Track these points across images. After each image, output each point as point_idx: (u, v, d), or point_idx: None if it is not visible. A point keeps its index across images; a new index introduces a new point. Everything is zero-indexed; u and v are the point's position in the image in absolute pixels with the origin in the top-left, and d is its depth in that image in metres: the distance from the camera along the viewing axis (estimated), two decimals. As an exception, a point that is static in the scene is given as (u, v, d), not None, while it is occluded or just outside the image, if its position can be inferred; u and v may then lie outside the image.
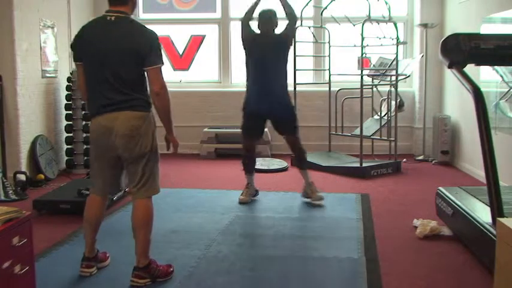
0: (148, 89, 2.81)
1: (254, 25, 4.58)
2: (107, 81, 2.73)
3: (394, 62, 5.98)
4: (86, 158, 5.87)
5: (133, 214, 2.86)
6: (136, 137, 2.75)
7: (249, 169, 4.66)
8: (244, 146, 4.61)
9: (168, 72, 7.32)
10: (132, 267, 2.86)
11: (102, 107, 2.76)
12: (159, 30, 7.42)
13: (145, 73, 2.76)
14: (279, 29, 4.57)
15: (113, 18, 2.76)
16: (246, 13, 4.63)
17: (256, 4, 4.62)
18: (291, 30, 4.58)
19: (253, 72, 4.43)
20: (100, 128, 2.79)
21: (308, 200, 4.53)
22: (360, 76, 5.72)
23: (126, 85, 2.73)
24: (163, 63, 2.78)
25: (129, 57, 2.71)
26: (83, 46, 2.80)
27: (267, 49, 4.41)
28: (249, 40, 4.50)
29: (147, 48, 2.71)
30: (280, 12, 4.60)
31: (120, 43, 2.72)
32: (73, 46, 2.88)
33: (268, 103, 4.36)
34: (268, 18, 4.50)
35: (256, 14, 4.58)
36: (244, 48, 4.52)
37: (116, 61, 2.71)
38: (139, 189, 2.83)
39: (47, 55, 5.75)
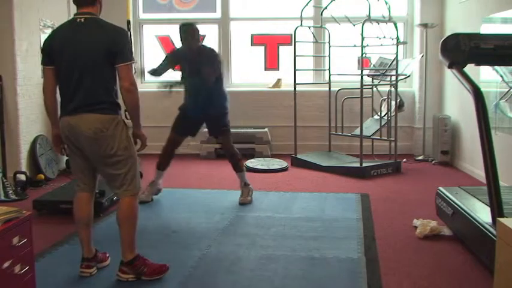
0: (118, 88, 2.83)
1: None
2: (78, 83, 2.76)
3: (394, 62, 5.97)
4: (86, 158, 5.87)
5: (117, 211, 2.94)
6: (100, 139, 2.77)
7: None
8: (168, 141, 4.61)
9: (168, 72, 7.30)
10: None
11: (71, 109, 2.78)
12: (159, 30, 7.51)
13: (116, 71, 2.77)
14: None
15: (82, 19, 2.79)
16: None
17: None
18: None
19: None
20: (68, 126, 2.82)
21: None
22: (360, 76, 5.72)
23: (97, 86, 2.77)
24: (133, 60, 2.82)
25: (100, 56, 2.74)
26: (53, 49, 2.82)
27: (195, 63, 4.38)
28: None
29: (117, 46, 2.75)
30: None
31: (91, 43, 2.76)
32: (43, 50, 2.90)
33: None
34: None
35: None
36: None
37: (87, 62, 2.75)
38: (118, 188, 2.89)
39: (47, 55, 5.75)
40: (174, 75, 4.69)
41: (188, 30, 4.39)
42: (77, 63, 2.75)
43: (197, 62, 4.34)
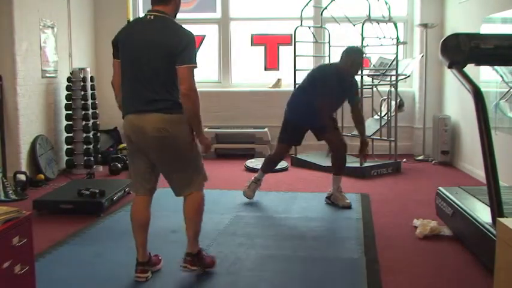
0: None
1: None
2: (141, 80, 2.73)
3: (394, 62, 5.98)
4: (85, 158, 5.87)
5: (185, 205, 2.93)
6: (165, 139, 2.73)
7: (268, 169, 4.73)
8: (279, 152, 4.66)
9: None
10: (135, 264, 2.89)
11: (134, 106, 2.76)
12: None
13: (177, 72, 2.71)
14: None
15: (152, 17, 2.77)
16: None
17: None
18: None
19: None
20: (132, 126, 2.78)
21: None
22: (360, 76, 5.72)
23: (159, 84, 2.72)
24: (195, 65, 2.71)
25: (163, 55, 2.70)
26: (121, 43, 2.83)
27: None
28: None
29: (180, 47, 2.67)
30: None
31: (155, 41, 2.72)
32: (113, 43, 2.90)
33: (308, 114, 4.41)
34: None
35: None
36: None
37: (151, 59, 2.71)
38: (184, 187, 2.88)
39: (47, 55, 5.75)
40: None
41: (351, 55, 4.40)
42: (140, 59, 2.73)
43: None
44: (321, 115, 4.36)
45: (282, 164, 6.22)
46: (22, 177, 5.11)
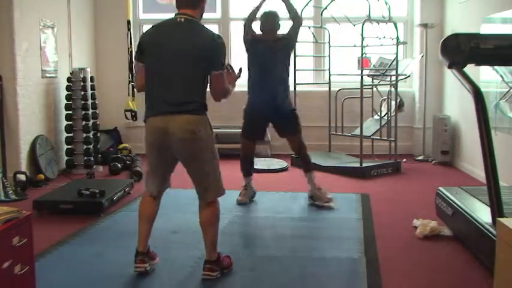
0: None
1: (257, 26, 4.55)
2: (169, 81, 2.74)
3: (394, 62, 5.98)
4: (85, 158, 5.87)
5: (201, 214, 2.93)
6: (194, 141, 2.75)
7: (248, 172, 4.67)
8: (243, 148, 4.60)
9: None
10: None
11: (161, 107, 2.75)
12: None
13: (208, 77, 2.78)
14: (282, 30, 4.56)
15: (182, 19, 2.78)
16: (249, 15, 4.60)
17: (260, 6, 4.59)
18: (294, 34, 4.57)
19: (255, 74, 4.42)
20: (156, 129, 2.78)
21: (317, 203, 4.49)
22: (360, 76, 5.72)
23: (187, 86, 2.75)
24: (224, 69, 2.81)
25: (193, 58, 2.72)
26: (149, 44, 2.81)
27: (269, 51, 4.39)
28: (251, 41, 4.49)
29: (211, 53, 2.73)
30: (283, 13, 4.57)
31: (187, 44, 2.74)
32: (139, 44, 2.87)
33: (271, 106, 4.36)
34: (270, 20, 4.48)
35: (259, 15, 4.54)
36: (247, 50, 4.51)
37: (180, 61, 2.73)
38: (204, 192, 2.88)
39: (47, 55, 5.75)
40: None
41: (272, 17, 4.43)
42: (170, 61, 2.73)
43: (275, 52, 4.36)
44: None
45: (282, 164, 6.23)
46: (22, 177, 5.11)
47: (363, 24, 5.62)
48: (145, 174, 3.08)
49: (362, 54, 5.78)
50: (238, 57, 7.32)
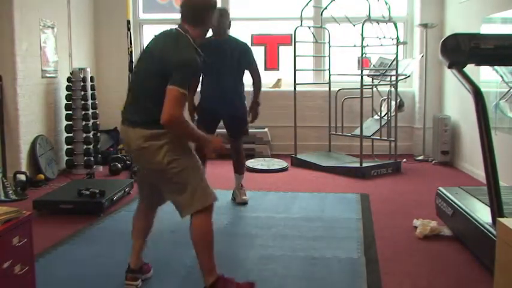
0: None
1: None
2: (135, 92, 2.65)
3: (394, 62, 5.98)
4: (85, 158, 5.87)
5: (190, 232, 2.62)
6: (143, 154, 2.56)
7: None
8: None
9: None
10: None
11: (124, 117, 2.66)
12: (159, 30, 7.47)
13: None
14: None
15: (172, 29, 2.64)
16: None
17: None
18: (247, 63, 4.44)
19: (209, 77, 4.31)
20: (123, 134, 2.69)
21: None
22: (360, 76, 5.72)
23: (148, 100, 2.54)
24: (183, 88, 2.41)
25: (159, 71, 2.49)
26: (141, 52, 2.76)
27: (223, 54, 4.27)
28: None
29: (175, 67, 2.43)
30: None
31: (158, 56, 2.54)
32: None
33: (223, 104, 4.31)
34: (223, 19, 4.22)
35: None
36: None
37: (147, 72, 2.58)
38: (184, 207, 2.58)
39: (47, 55, 5.76)
40: None
41: (224, 14, 4.22)
42: (139, 70, 2.65)
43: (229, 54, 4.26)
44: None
45: (282, 164, 6.23)
46: (22, 177, 5.11)
47: (363, 24, 5.62)
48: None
49: (362, 54, 5.78)
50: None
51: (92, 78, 6.19)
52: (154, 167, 2.56)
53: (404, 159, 6.39)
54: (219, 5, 5.07)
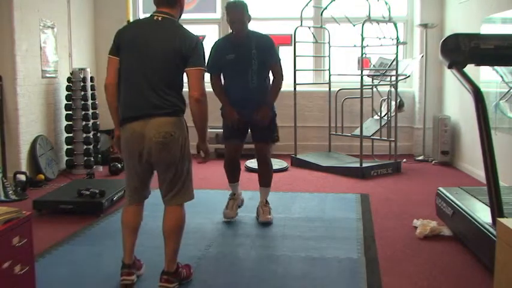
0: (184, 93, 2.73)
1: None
2: (145, 80, 2.65)
3: (394, 62, 5.98)
4: (85, 158, 5.87)
5: (165, 221, 2.78)
6: (169, 144, 2.66)
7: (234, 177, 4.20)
8: (228, 151, 4.12)
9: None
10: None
11: (137, 109, 2.66)
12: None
13: (186, 75, 2.67)
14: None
15: (159, 18, 2.72)
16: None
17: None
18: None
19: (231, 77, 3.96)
20: (132, 133, 2.68)
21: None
22: (360, 76, 5.72)
23: (164, 86, 2.65)
24: (205, 69, 2.72)
25: (171, 57, 2.64)
26: (125, 40, 2.73)
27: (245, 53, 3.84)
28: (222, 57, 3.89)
29: (190, 50, 2.64)
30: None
31: (164, 42, 2.66)
32: (115, 38, 2.79)
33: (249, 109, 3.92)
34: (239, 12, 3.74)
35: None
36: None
37: (158, 60, 2.65)
38: (173, 197, 2.76)
39: (47, 55, 5.76)
40: None
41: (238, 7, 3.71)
42: (147, 59, 2.65)
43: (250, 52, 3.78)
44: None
45: (282, 164, 6.23)
46: (22, 177, 5.11)
47: (363, 25, 5.62)
48: (125, 179, 2.92)
49: (362, 54, 5.78)
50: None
51: (92, 78, 6.19)
52: (170, 159, 2.69)
53: (404, 160, 6.39)
54: (219, 9, 5.11)
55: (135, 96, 2.68)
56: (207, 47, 3.31)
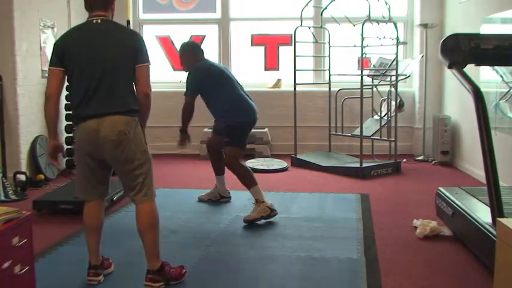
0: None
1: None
2: (99, 84, 2.67)
3: (394, 62, 5.98)
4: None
5: (137, 219, 2.81)
6: (122, 142, 2.67)
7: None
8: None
9: (168, 73, 7.31)
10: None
11: (91, 113, 2.69)
12: (159, 30, 7.50)
13: (135, 72, 2.71)
14: None
15: (99, 20, 2.77)
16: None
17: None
18: None
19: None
20: (87, 131, 2.70)
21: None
22: (360, 76, 5.72)
23: (118, 87, 2.70)
24: (150, 63, 2.79)
25: (126, 55, 2.71)
26: (68, 50, 2.73)
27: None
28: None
29: (139, 46, 2.74)
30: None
31: (115, 42, 2.73)
32: (55, 50, 2.77)
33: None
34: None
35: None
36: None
37: (111, 60, 2.69)
38: (136, 194, 2.77)
39: (47, 55, 5.75)
40: None
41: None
42: (97, 63, 2.67)
43: None
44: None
45: (282, 164, 6.23)
46: (22, 177, 5.11)
47: (363, 24, 5.62)
48: (77, 178, 2.94)
49: (362, 54, 5.78)
50: (237, 57, 7.36)
51: (91, 78, 6.18)
52: (124, 157, 2.70)
53: (405, 160, 6.39)
54: (219, 9, 5.27)
55: (90, 97, 2.70)
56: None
